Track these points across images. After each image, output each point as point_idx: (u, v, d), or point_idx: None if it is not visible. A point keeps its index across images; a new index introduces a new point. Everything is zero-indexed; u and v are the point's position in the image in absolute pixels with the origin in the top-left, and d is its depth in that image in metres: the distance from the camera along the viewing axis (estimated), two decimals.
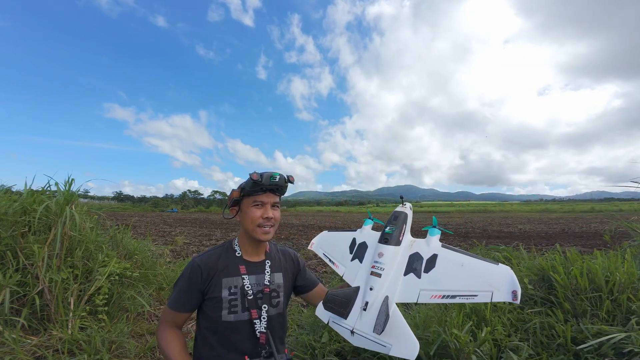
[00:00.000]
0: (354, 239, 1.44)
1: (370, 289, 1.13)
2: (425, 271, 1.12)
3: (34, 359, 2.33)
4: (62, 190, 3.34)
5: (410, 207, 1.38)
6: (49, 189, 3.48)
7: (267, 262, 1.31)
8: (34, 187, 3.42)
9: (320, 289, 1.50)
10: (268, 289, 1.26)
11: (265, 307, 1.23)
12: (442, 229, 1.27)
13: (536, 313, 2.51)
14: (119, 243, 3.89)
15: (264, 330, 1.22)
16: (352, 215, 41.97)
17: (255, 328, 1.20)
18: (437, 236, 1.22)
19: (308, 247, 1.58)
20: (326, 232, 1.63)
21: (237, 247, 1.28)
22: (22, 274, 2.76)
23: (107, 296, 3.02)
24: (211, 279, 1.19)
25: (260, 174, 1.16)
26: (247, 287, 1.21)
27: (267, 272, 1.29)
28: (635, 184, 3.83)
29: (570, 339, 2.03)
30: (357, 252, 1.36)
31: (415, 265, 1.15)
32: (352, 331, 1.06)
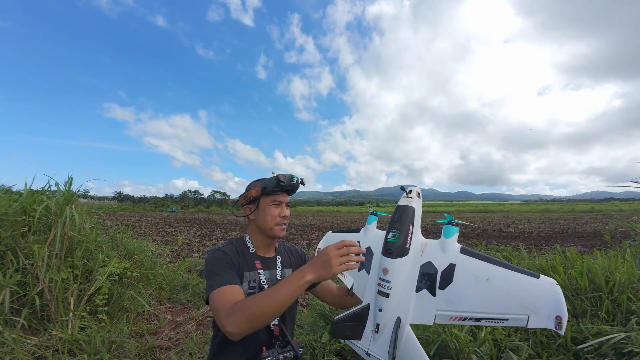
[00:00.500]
0: (359, 244, 1.28)
1: (380, 310, 1.01)
2: (441, 287, 0.93)
3: (34, 359, 2.33)
4: (62, 190, 3.34)
5: (419, 194, 1.11)
6: (49, 189, 3.49)
7: (278, 258, 1.37)
8: (34, 187, 3.43)
9: (328, 282, 1.51)
10: None
11: None
12: (460, 222, 1.03)
13: None
14: (119, 243, 3.89)
15: (277, 323, 1.26)
16: (352, 215, 41.99)
17: None
18: (454, 237, 0.99)
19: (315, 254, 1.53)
20: (330, 233, 1.52)
21: (250, 244, 1.32)
22: (22, 274, 2.76)
23: (107, 296, 3.02)
24: (236, 269, 1.22)
25: (284, 175, 1.25)
26: (263, 281, 1.26)
27: (279, 267, 1.34)
28: (635, 184, 3.83)
29: (570, 339, 2.03)
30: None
31: (428, 280, 0.96)
32: (367, 352, 1.01)
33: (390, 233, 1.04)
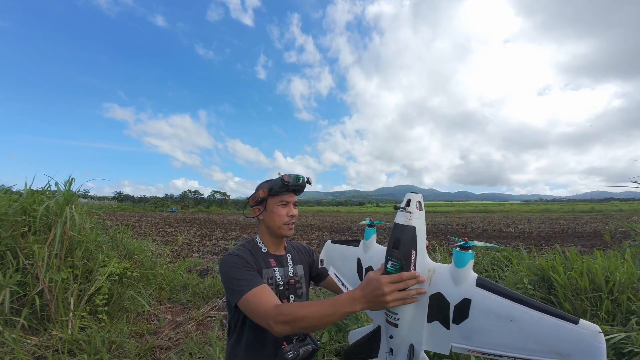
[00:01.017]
0: (359, 261, 1.19)
1: (390, 337, 0.95)
2: (455, 322, 0.80)
3: (34, 359, 2.33)
4: (62, 190, 3.34)
5: (420, 204, 0.88)
6: (49, 189, 3.49)
7: (289, 256, 1.41)
8: (34, 187, 3.44)
9: None
10: (293, 280, 1.35)
11: (292, 297, 1.32)
12: (480, 244, 0.82)
13: None
14: (119, 243, 3.89)
15: None
16: (352, 215, 41.99)
17: None
18: (468, 265, 0.79)
19: (318, 265, 1.48)
20: (329, 242, 1.46)
21: (261, 244, 1.36)
22: (22, 274, 2.77)
23: (107, 296, 3.02)
24: (254, 268, 1.24)
25: (289, 176, 1.28)
26: (278, 278, 1.29)
27: (290, 264, 1.38)
28: (635, 184, 3.83)
29: None
30: None
31: (439, 312, 0.83)
32: None
33: (390, 262, 0.87)
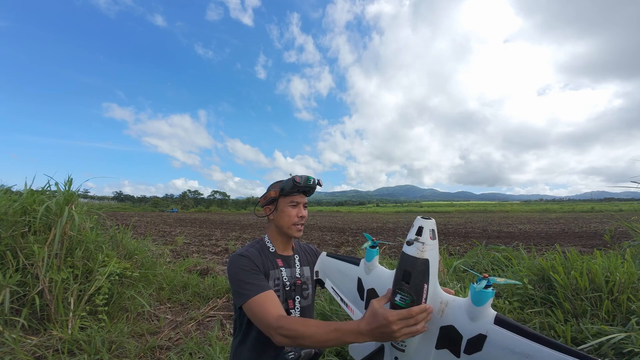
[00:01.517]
0: (360, 281, 1.12)
1: (396, 358, 0.93)
2: (466, 352, 0.76)
3: (34, 359, 2.33)
4: (62, 190, 3.34)
5: (433, 233, 0.79)
6: (49, 189, 3.49)
7: (296, 257, 1.41)
8: (34, 187, 3.44)
9: None
10: (299, 281, 1.35)
11: (298, 298, 1.33)
12: (502, 281, 0.74)
13: (536, 313, 2.51)
14: (119, 243, 3.89)
15: None
16: (352, 215, 41.98)
17: None
18: (487, 304, 0.74)
19: (314, 276, 1.44)
20: (324, 255, 1.42)
21: (269, 244, 1.36)
22: (22, 274, 2.77)
23: (107, 296, 3.02)
24: (261, 270, 1.25)
25: (300, 177, 1.29)
26: (285, 278, 1.30)
27: (297, 265, 1.39)
28: (635, 184, 3.84)
29: (570, 339, 2.03)
30: (369, 300, 1.04)
31: (450, 341, 0.80)
32: None
33: (398, 296, 0.80)
